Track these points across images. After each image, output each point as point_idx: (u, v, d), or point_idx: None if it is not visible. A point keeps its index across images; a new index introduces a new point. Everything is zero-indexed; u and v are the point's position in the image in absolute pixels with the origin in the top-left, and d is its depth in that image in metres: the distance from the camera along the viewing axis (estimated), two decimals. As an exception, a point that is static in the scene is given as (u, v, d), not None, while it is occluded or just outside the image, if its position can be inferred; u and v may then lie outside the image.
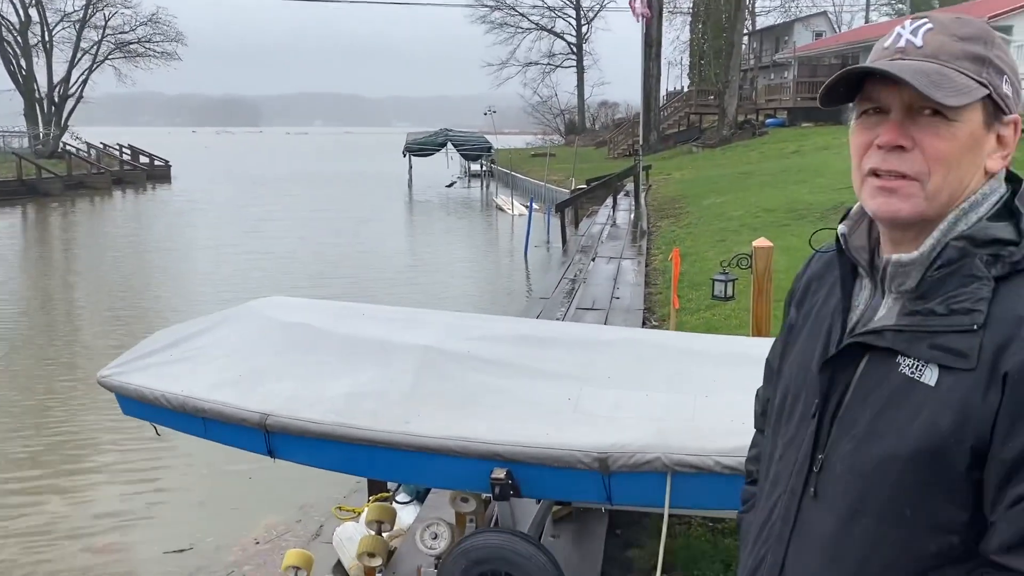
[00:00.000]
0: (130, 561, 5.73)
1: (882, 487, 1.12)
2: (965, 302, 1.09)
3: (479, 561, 3.28)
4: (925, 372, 1.10)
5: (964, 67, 1.13)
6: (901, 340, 1.13)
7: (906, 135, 1.14)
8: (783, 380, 1.35)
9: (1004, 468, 1.04)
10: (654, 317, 9.57)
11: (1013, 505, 1.03)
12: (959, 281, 1.11)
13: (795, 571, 1.24)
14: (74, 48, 50.66)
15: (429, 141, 45.81)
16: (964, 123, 1.12)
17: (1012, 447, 1.03)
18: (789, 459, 1.27)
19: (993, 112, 1.14)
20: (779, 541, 1.27)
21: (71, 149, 43.58)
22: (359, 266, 17.74)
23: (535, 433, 3.21)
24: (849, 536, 1.16)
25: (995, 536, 1.06)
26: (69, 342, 11.81)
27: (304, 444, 3.44)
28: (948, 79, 1.11)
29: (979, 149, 1.14)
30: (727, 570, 4.07)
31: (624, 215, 20.12)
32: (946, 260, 1.13)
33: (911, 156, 1.13)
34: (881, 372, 1.15)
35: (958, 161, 1.13)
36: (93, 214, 29.76)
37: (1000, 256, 1.11)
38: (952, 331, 1.09)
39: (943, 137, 1.12)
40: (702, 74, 47.86)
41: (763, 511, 1.33)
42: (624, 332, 4.51)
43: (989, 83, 1.13)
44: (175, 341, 4.07)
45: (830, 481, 1.19)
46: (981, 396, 1.05)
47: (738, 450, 2.99)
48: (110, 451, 7.61)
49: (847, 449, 1.17)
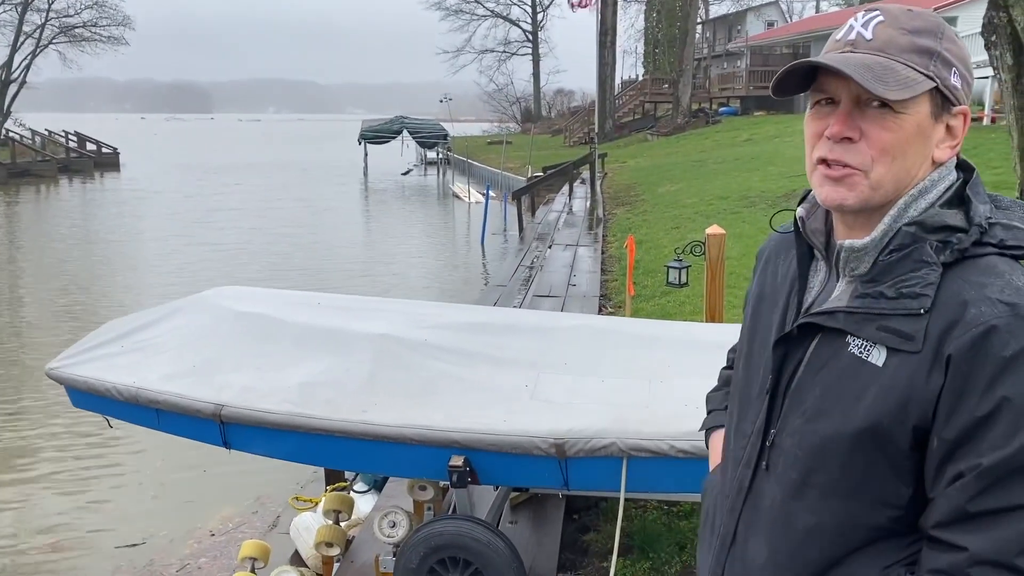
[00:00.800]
0: (81, 557, 5.61)
1: (829, 462, 1.16)
2: (914, 286, 1.12)
3: (437, 548, 3.29)
4: (873, 352, 1.14)
5: (911, 60, 1.15)
6: (852, 321, 1.17)
7: (853, 126, 1.16)
8: (743, 353, 1.40)
9: (944, 447, 1.07)
10: (610, 304, 9.64)
11: (951, 482, 1.07)
12: (909, 266, 1.14)
13: (745, 540, 1.28)
14: (16, 31, 49.13)
15: (385, 128, 45.38)
16: (910, 115, 1.15)
17: (952, 427, 1.07)
18: (745, 431, 1.32)
19: (941, 103, 1.17)
20: (731, 512, 1.32)
21: (15, 136, 42.33)
22: (314, 256, 17.56)
23: (492, 420, 3.23)
24: (796, 508, 1.20)
25: (934, 512, 1.10)
26: (14, 334, 11.53)
27: (260, 435, 3.41)
28: (893, 72, 1.13)
29: (926, 140, 1.17)
30: (682, 552, 4.14)
31: (580, 203, 20.20)
32: (898, 245, 1.17)
33: (857, 147, 1.16)
34: (831, 351, 1.19)
35: (903, 152, 1.16)
36: (39, 203, 28.99)
37: (949, 243, 1.14)
38: (900, 314, 1.12)
39: (889, 129, 1.15)
40: (656, 62, 48.13)
41: (720, 484, 1.39)
42: (580, 319, 4.54)
43: (936, 76, 1.15)
44: (127, 332, 4.01)
45: (780, 455, 1.23)
46: (925, 377, 1.08)
47: (692, 434, 3.04)
48: (58, 446, 7.44)
49: (796, 424, 1.21)
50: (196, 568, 5.40)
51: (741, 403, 1.37)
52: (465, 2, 64.88)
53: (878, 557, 1.15)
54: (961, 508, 1.06)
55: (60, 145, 43.63)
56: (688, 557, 4.09)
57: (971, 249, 1.13)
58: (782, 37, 40.24)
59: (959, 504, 1.06)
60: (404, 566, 3.34)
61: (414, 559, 3.31)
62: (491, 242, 18.73)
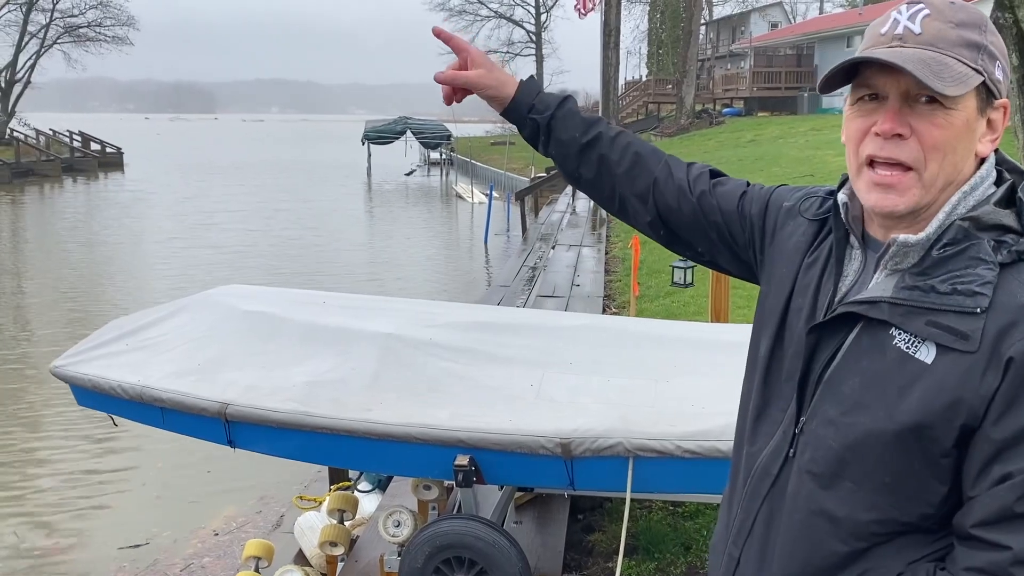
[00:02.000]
0: (84, 558, 5.61)
1: (866, 456, 1.14)
2: (971, 283, 1.10)
3: (442, 547, 3.28)
4: (921, 349, 1.11)
5: (961, 54, 1.13)
6: (897, 313, 1.14)
7: (904, 123, 1.14)
8: (760, 320, 1.36)
9: (993, 447, 1.07)
10: (614, 304, 9.63)
11: (998, 483, 1.06)
12: (965, 262, 1.12)
13: (767, 526, 1.26)
14: (21, 32, 49.21)
15: (388, 129, 45.40)
16: (960, 110, 1.13)
17: (1003, 428, 1.06)
18: (775, 418, 1.29)
19: (986, 98, 1.15)
20: (753, 497, 1.29)
21: (19, 136, 42.41)
22: (317, 256, 17.57)
23: (497, 419, 3.22)
24: (826, 499, 1.18)
25: (976, 510, 1.09)
26: (19, 333, 11.55)
27: (264, 433, 3.41)
28: (947, 67, 1.11)
29: (973, 135, 1.16)
30: (687, 552, 4.13)
31: (584, 203, 20.18)
32: (951, 239, 1.15)
33: (908, 144, 1.14)
34: (873, 343, 1.16)
35: (954, 148, 1.14)
36: (43, 203, 29.04)
37: (1004, 243, 1.12)
38: (953, 311, 1.10)
39: (940, 125, 1.13)
40: (660, 63, 48.14)
41: (741, 468, 1.35)
42: (584, 319, 4.54)
43: (984, 70, 1.13)
44: (131, 330, 4.00)
45: (808, 444, 1.21)
46: (979, 377, 1.07)
47: (698, 434, 3.04)
48: (62, 447, 7.43)
49: (832, 415, 1.19)
50: (200, 567, 5.40)
51: (769, 385, 1.32)
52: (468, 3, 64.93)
53: (903, 551, 1.15)
54: (1008, 508, 1.05)
55: (64, 145, 43.69)
56: (693, 557, 4.08)
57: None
58: (786, 38, 40.20)
59: (1006, 504, 1.05)
60: (409, 565, 3.34)
61: (419, 558, 3.31)
62: (494, 243, 18.74)
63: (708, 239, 1.50)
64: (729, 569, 1.34)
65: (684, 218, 1.50)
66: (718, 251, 1.51)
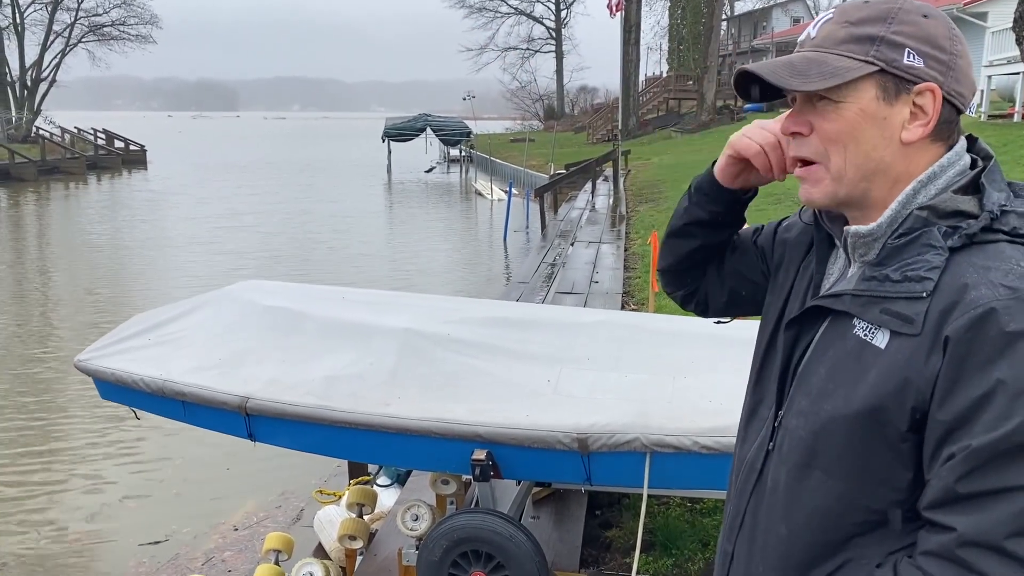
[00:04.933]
0: (104, 554, 5.66)
1: (831, 442, 1.17)
2: (919, 269, 1.12)
3: (460, 541, 3.30)
4: (877, 335, 1.14)
5: (846, 50, 1.17)
6: (857, 304, 1.18)
7: (802, 122, 1.22)
8: (762, 329, 1.43)
9: (940, 429, 1.07)
10: (632, 301, 9.61)
11: (944, 463, 1.07)
12: (916, 250, 1.15)
13: (754, 521, 1.30)
14: (46, 31, 49.85)
15: (408, 126, 45.55)
16: (850, 102, 1.16)
17: (948, 408, 1.06)
18: (762, 415, 1.35)
19: (895, 86, 1.16)
20: (741, 493, 1.35)
21: (44, 134, 42.91)
22: (337, 251, 17.67)
23: (515, 414, 3.23)
24: (800, 489, 1.21)
25: (928, 493, 1.10)
26: (44, 327, 11.70)
27: (284, 427, 3.44)
28: (820, 65, 1.16)
29: (879, 123, 1.17)
30: (705, 548, 4.12)
31: (603, 200, 20.17)
32: (907, 229, 1.17)
33: (809, 141, 1.21)
34: (838, 334, 1.20)
35: (854, 138, 1.17)
36: (68, 200, 29.36)
37: (958, 228, 1.13)
38: (903, 297, 1.12)
39: (831, 119, 1.18)
40: (681, 59, 47.91)
41: (736, 466, 1.41)
42: (602, 315, 4.53)
43: (880, 59, 1.15)
44: (154, 325, 4.05)
45: (785, 436, 1.25)
46: (924, 360, 1.08)
47: (716, 430, 3.03)
48: (83, 443, 7.51)
49: (802, 406, 1.23)
50: (221, 561, 5.45)
51: (760, 384, 1.38)
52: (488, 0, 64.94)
53: (884, 540, 1.15)
54: (951, 489, 1.05)
55: (89, 143, 44.17)
56: (711, 553, 4.07)
57: (980, 235, 1.12)
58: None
59: (948, 484, 1.06)
60: (427, 559, 3.36)
61: (437, 552, 3.33)
62: (513, 239, 18.75)
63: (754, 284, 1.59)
64: (724, 564, 1.38)
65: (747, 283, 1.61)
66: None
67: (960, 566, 1.04)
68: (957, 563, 1.04)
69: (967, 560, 1.03)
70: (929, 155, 1.19)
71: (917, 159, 1.19)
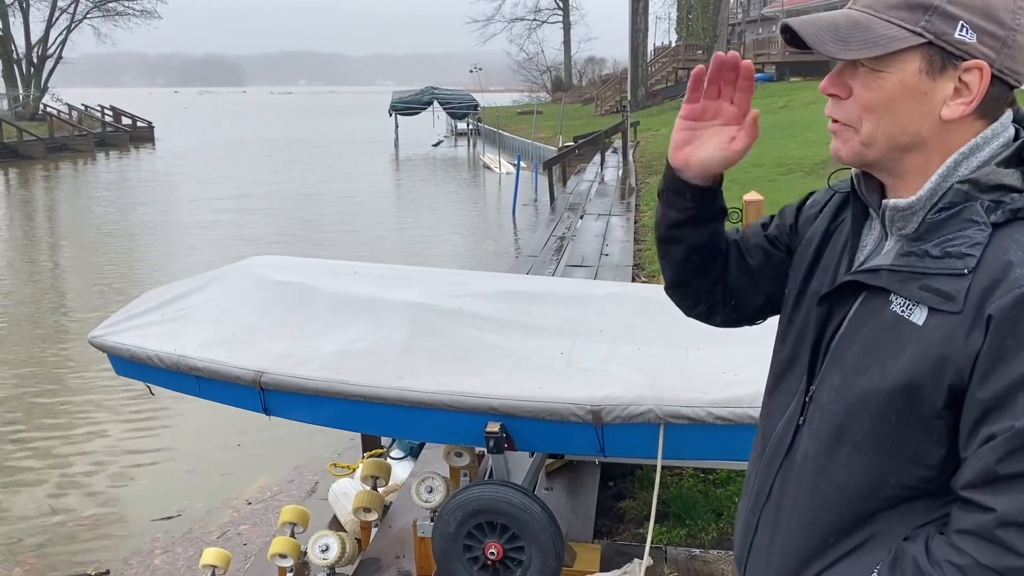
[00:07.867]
0: (117, 531, 5.70)
1: (863, 417, 1.16)
2: (960, 245, 1.09)
3: (475, 512, 3.32)
4: (915, 312, 1.12)
5: (895, 16, 1.11)
6: (895, 280, 1.15)
7: (840, 84, 1.18)
8: (789, 299, 1.38)
9: (979, 408, 1.06)
10: (643, 273, 9.59)
11: (984, 443, 1.06)
12: (957, 225, 1.11)
13: (780, 495, 1.29)
14: (51, 7, 49.59)
15: (415, 99, 45.29)
16: (892, 73, 1.12)
17: (989, 387, 1.05)
18: (791, 388, 1.33)
19: (942, 60, 1.11)
20: (769, 466, 1.33)
21: (52, 111, 42.87)
22: (346, 226, 17.67)
23: (528, 387, 3.23)
24: (829, 464, 1.20)
25: (965, 472, 1.08)
26: (57, 304, 11.77)
27: (299, 401, 3.46)
28: (864, 31, 1.11)
29: (919, 98, 1.12)
30: (719, 519, 4.14)
31: (612, 172, 20.07)
32: (948, 203, 1.14)
33: (845, 104, 1.17)
34: (873, 309, 1.18)
35: (889, 110, 1.13)
36: (77, 177, 29.37)
37: (1002, 203, 1.10)
38: (943, 274, 1.10)
39: (869, 88, 1.14)
40: (690, 28, 47.42)
41: (761, 439, 1.39)
42: (614, 287, 4.52)
43: (930, 31, 1.10)
44: (167, 300, 4.07)
45: (816, 411, 1.24)
46: (964, 337, 1.06)
47: (730, 401, 3.03)
48: (96, 419, 7.56)
49: (835, 381, 1.21)
50: (236, 534, 5.51)
51: (785, 357, 1.36)
52: (495, -29, 64.27)
53: (910, 516, 1.15)
54: (991, 469, 1.04)
55: (96, 120, 44.10)
56: (724, 524, 4.09)
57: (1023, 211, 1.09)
58: (818, 1, 39.40)
59: (989, 465, 1.05)
60: (442, 530, 3.38)
61: (451, 523, 3.35)
62: (522, 213, 18.70)
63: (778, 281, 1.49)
64: (747, 536, 1.37)
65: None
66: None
67: (999, 545, 1.03)
68: (996, 543, 1.03)
69: (1006, 540, 1.02)
70: (970, 131, 1.15)
71: (957, 135, 1.15)
